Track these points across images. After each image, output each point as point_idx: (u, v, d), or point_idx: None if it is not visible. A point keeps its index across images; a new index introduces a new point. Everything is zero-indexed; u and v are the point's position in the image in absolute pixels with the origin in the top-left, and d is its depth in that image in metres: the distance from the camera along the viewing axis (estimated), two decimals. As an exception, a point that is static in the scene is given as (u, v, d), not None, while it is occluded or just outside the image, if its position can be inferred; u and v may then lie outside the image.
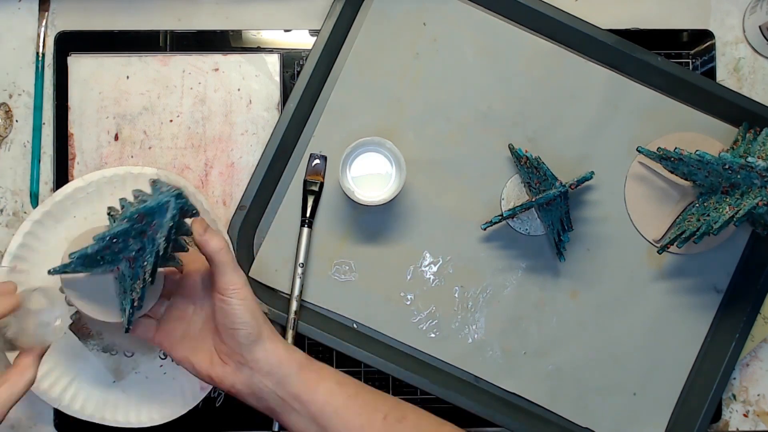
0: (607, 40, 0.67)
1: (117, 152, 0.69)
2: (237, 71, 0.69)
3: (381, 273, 0.68)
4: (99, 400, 0.65)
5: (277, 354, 0.56)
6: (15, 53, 0.70)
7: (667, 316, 0.68)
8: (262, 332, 0.56)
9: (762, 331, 0.68)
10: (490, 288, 0.68)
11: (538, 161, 0.63)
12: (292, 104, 0.66)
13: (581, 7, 0.70)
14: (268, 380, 0.56)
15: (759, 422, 0.70)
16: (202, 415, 0.68)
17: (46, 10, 0.70)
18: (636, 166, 0.68)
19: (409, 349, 0.68)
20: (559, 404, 0.67)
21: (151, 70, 0.69)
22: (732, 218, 0.58)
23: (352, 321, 0.68)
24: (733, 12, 0.71)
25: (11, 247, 0.64)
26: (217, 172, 0.69)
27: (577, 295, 0.68)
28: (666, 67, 0.67)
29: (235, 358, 0.56)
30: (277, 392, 0.56)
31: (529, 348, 0.68)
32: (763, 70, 0.71)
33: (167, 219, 0.49)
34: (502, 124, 0.68)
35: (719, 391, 0.65)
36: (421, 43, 0.69)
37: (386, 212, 0.68)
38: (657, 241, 0.68)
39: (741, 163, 0.58)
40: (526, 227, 0.68)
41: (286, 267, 0.67)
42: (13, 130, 0.70)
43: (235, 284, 0.55)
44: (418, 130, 0.68)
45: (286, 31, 0.70)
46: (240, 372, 0.56)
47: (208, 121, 0.69)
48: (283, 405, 0.56)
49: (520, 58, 0.69)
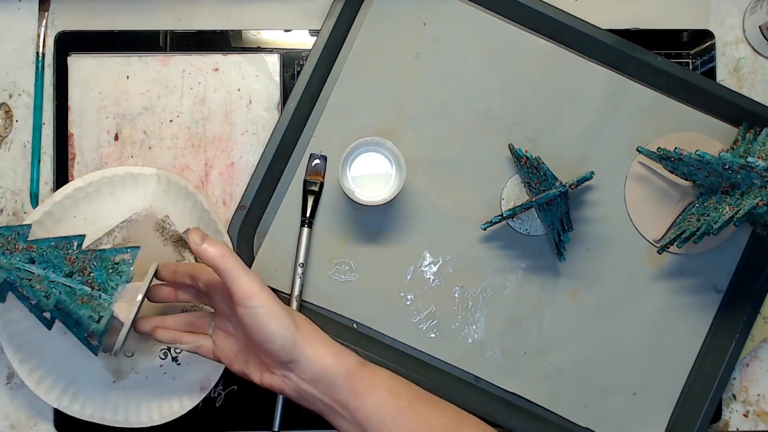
0: (607, 40, 0.67)
1: (117, 152, 0.69)
2: (237, 71, 0.69)
3: (381, 273, 0.68)
4: (99, 400, 0.65)
5: (321, 361, 0.54)
6: (15, 53, 0.70)
7: (667, 316, 0.68)
8: (298, 340, 0.53)
9: (762, 331, 0.68)
10: (490, 288, 0.68)
11: (538, 161, 0.63)
12: (292, 104, 0.66)
13: (581, 7, 0.70)
14: (314, 387, 0.54)
15: (759, 422, 0.70)
16: (202, 415, 0.68)
17: (46, 10, 0.70)
18: (636, 166, 0.68)
19: (409, 349, 0.68)
20: (559, 404, 0.67)
21: (151, 70, 0.69)
22: (732, 218, 0.58)
23: (352, 321, 0.68)
24: (733, 12, 0.71)
25: (11, 247, 0.64)
26: (217, 172, 0.69)
27: (577, 295, 0.68)
28: (666, 67, 0.67)
29: (279, 369, 0.54)
30: (324, 399, 0.54)
31: (529, 348, 0.68)
32: (763, 70, 0.71)
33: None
34: (502, 124, 0.68)
35: (719, 391, 0.65)
36: (421, 43, 0.69)
37: (386, 212, 0.68)
38: (657, 241, 0.68)
39: (741, 163, 0.58)
40: (526, 227, 0.68)
41: (286, 267, 0.67)
42: (13, 130, 0.70)
43: (249, 290, 0.52)
44: (418, 130, 0.68)
45: (286, 31, 0.70)
46: (288, 379, 0.54)
47: (208, 121, 0.69)
48: (330, 411, 0.55)
49: (520, 58, 0.69)
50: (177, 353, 0.66)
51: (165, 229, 0.66)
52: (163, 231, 0.66)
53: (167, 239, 0.66)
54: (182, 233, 0.66)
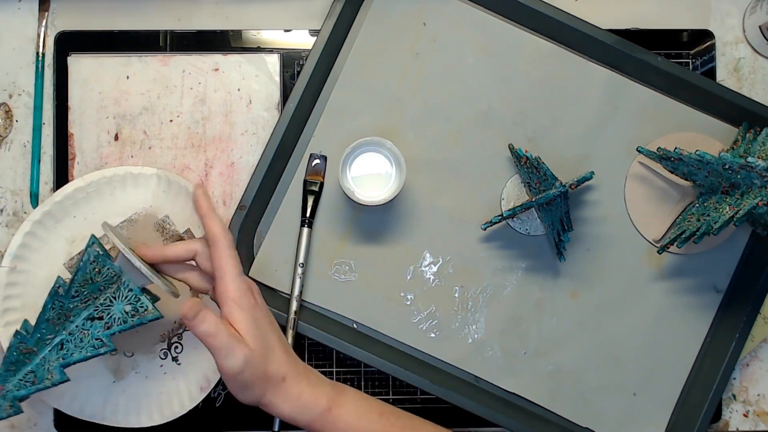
0: (607, 40, 0.67)
1: (117, 152, 0.69)
2: (237, 71, 0.69)
3: (381, 273, 0.68)
4: (99, 400, 0.65)
5: (280, 413, 0.55)
6: (15, 53, 0.70)
7: (667, 316, 0.68)
8: (256, 393, 0.54)
9: (762, 331, 0.68)
10: (490, 288, 0.68)
11: (538, 161, 0.63)
12: (292, 104, 0.66)
13: (581, 7, 0.70)
14: (294, 422, 0.56)
15: (759, 422, 0.70)
16: (202, 415, 0.68)
17: (46, 10, 0.70)
18: (636, 166, 0.68)
19: (409, 349, 0.68)
20: (559, 404, 0.67)
21: (151, 70, 0.69)
22: (732, 218, 0.58)
23: (352, 321, 0.68)
24: (733, 12, 0.71)
25: (11, 247, 0.64)
26: (217, 172, 0.69)
27: (577, 295, 0.68)
28: (666, 67, 0.67)
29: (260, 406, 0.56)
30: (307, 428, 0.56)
31: (529, 348, 0.68)
32: (763, 70, 0.71)
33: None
34: (502, 124, 0.68)
35: (719, 391, 0.65)
36: (421, 43, 0.69)
37: (386, 212, 0.68)
38: (657, 241, 0.68)
39: (741, 163, 0.58)
40: (526, 227, 0.68)
41: (286, 267, 0.67)
42: (13, 130, 0.70)
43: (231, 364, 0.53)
44: (418, 130, 0.68)
45: (286, 31, 0.70)
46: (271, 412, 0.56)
47: (208, 121, 0.69)
48: None
49: (520, 58, 0.68)
50: (177, 353, 0.66)
51: (165, 229, 0.66)
52: (163, 231, 0.66)
53: (167, 239, 0.66)
54: (182, 233, 0.66)
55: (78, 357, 0.56)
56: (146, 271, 0.56)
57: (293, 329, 0.65)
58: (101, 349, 0.56)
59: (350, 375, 0.69)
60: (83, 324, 0.56)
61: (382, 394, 0.69)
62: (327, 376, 0.68)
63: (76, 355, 0.56)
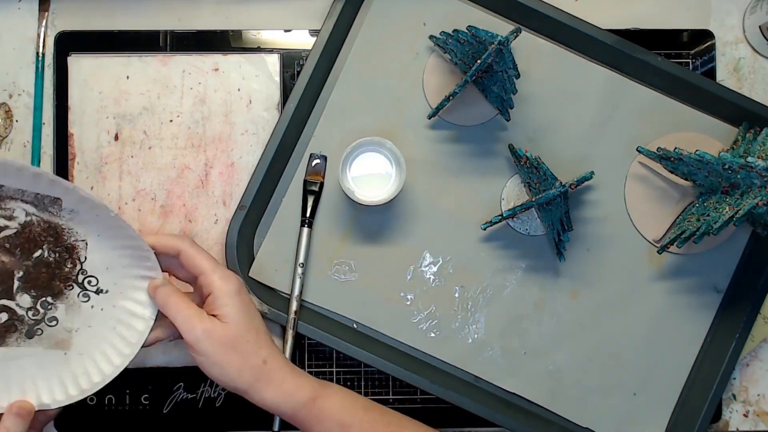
0: (607, 40, 0.67)
1: (117, 152, 0.69)
2: (237, 71, 0.69)
3: (381, 273, 0.68)
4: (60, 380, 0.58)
5: (264, 403, 0.57)
6: (15, 53, 0.70)
7: (667, 316, 0.68)
8: (239, 385, 0.56)
9: (762, 331, 0.68)
10: (490, 288, 0.68)
11: (538, 161, 0.63)
12: (292, 104, 0.66)
13: (581, 7, 0.70)
14: (278, 411, 0.58)
15: (759, 422, 0.70)
16: (202, 415, 0.68)
17: (46, 10, 0.70)
18: (636, 166, 0.68)
19: (409, 349, 0.68)
20: (559, 404, 0.67)
21: (151, 70, 0.69)
22: (732, 218, 0.58)
23: (352, 321, 0.68)
24: (733, 12, 0.71)
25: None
26: (217, 172, 0.69)
27: (577, 295, 0.68)
28: (666, 67, 0.67)
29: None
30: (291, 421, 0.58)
31: (529, 348, 0.68)
32: (763, 70, 0.71)
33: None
34: (502, 124, 0.68)
35: (719, 391, 0.65)
36: (421, 43, 0.69)
37: (386, 212, 0.68)
38: (657, 241, 0.68)
39: (741, 163, 0.58)
40: (526, 227, 0.68)
41: (286, 267, 0.67)
42: (13, 130, 0.70)
43: (191, 334, 0.56)
44: (418, 130, 0.68)
45: (286, 31, 0.70)
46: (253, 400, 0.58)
47: (208, 121, 0.69)
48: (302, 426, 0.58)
49: (520, 58, 0.68)
50: (95, 285, 0.59)
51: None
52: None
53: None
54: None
55: None
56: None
57: (293, 329, 0.65)
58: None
59: (350, 375, 0.69)
60: None
61: (382, 394, 0.69)
62: (327, 376, 0.68)
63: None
